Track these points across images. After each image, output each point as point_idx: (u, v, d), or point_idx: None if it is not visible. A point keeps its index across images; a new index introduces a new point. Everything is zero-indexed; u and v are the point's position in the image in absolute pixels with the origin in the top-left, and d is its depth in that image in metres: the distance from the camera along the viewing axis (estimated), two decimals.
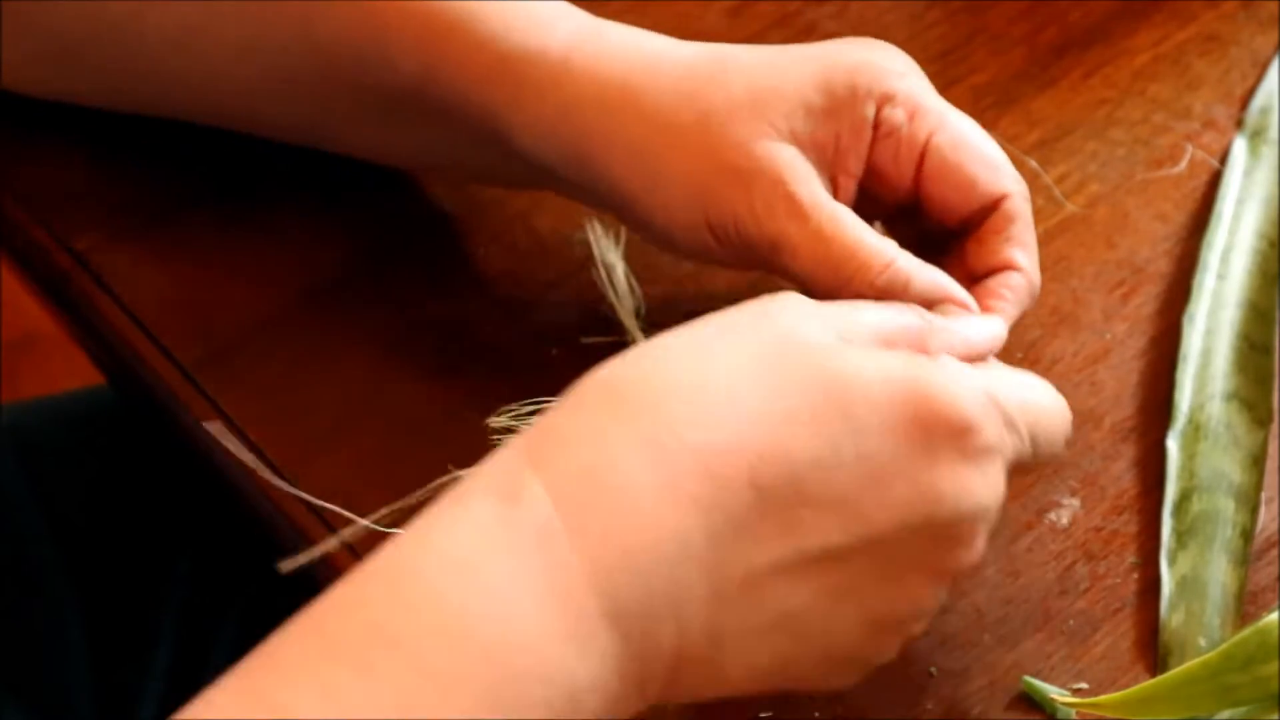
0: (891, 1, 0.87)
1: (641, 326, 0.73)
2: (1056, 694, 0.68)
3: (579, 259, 0.78)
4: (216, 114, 0.77)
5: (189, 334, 0.77)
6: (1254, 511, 0.72)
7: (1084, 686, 0.69)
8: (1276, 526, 0.72)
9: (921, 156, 0.68)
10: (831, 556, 0.59)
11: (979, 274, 0.68)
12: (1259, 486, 0.73)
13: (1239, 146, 0.82)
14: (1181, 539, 0.71)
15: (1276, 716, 0.64)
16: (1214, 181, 0.81)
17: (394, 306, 0.77)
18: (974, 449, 0.60)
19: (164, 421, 0.77)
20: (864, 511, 0.59)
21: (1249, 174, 0.81)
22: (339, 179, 0.79)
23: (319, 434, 0.74)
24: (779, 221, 0.66)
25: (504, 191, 0.79)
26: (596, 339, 0.74)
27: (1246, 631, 0.62)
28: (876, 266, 0.65)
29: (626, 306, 0.73)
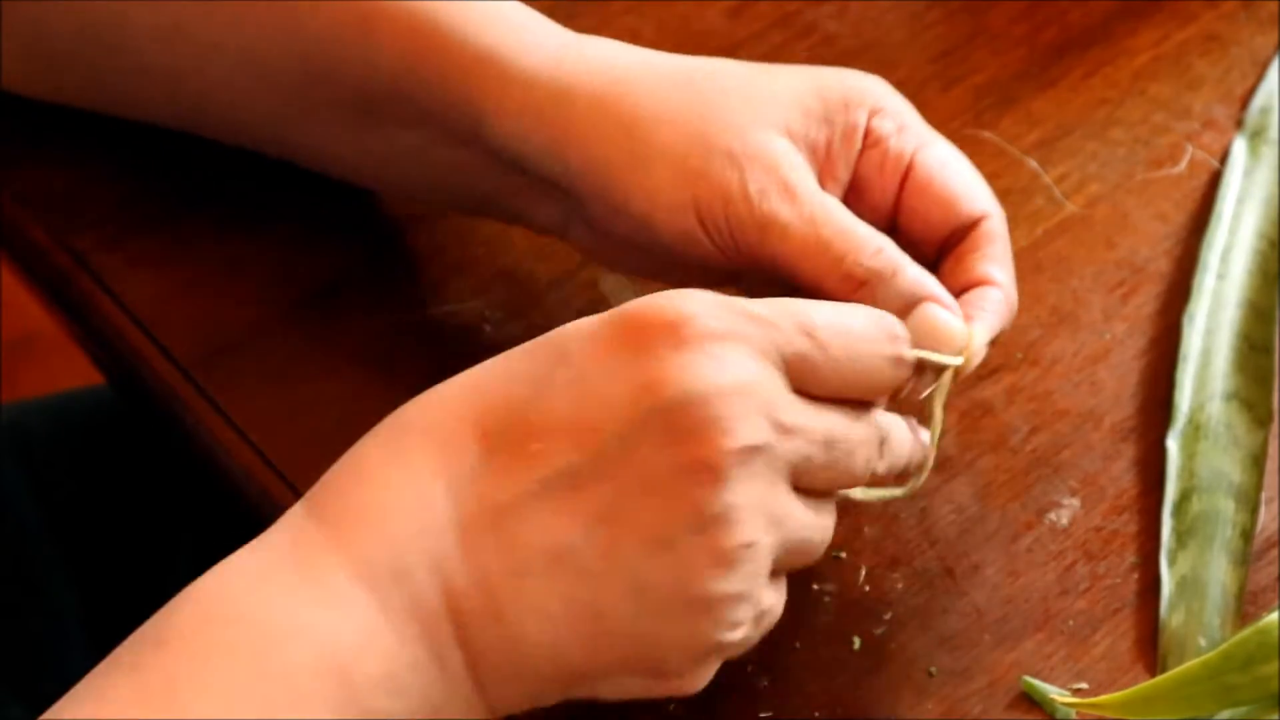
0: (891, 1, 0.87)
1: None
2: (1056, 694, 0.68)
3: (579, 259, 0.78)
4: (198, 117, 0.76)
5: (189, 334, 0.77)
6: (1254, 511, 0.72)
7: (1084, 686, 0.69)
8: (1276, 526, 0.72)
9: (906, 171, 0.69)
10: (575, 479, 0.59)
11: (956, 291, 0.68)
12: (1259, 486, 0.73)
13: (1239, 146, 0.82)
14: (1181, 539, 0.71)
15: (1277, 716, 0.64)
16: (1214, 181, 0.81)
17: (394, 306, 0.77)
18: (691, 336, 0.59)
19: (164, 421, 0.77)
20: (589, 424, 0.59)
21: (1249, 174, 0.81)
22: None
23: (319, 434, 0.74)
24: (771, 203, 0.66)
25: None
26: None
27: (1246, 631, 0.62)
28: (869, 249, 0.66)
29: None
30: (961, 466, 0.74)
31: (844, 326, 0.62)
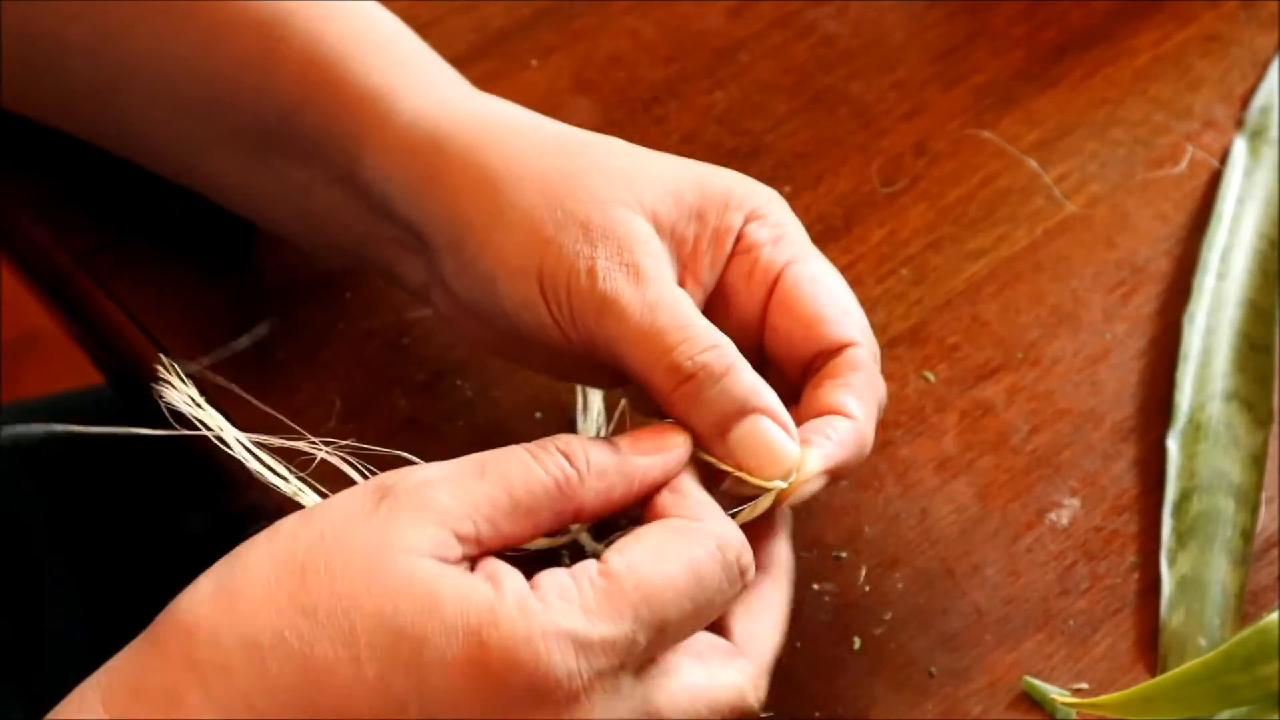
0: (891, 1, 0.87)
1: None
2: (1057, 694, 0.68)
3: None
4: (123, 138, 0.75)
5: (189, 334, 0.77)
6: (1254, 511, 0.72)
7: (1084, 686, 0.69)
8: (1277, 526, 0.72)
9: (775, 283, 0.65)
10: None
11: (806, 417, 0.64)
12: (1259, 486, 0.73)
13: (1239, 146, 0.82)
14: (1182, 539, 0.71)
15: (1277, 716, 0.64)
16: (1214, 181, 0.81)
17: (394, 306, 0.77)
18: (559, 701, 0.56)
19: (164, 421, 0.77)
20: None
21: (1249, 174, 0.81)
22: None
23: (319, 434, 0.74)
24: (614, 282, 0.63)
25: None
26: None
27: (1247, 631, 0.62)
28: (702, 343, 0.62)
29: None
30: (962, 466, 0.74)
31: (695, 604, 0.58)
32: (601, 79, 0.84)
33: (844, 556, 0.71)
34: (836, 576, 0.71)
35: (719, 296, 0.66)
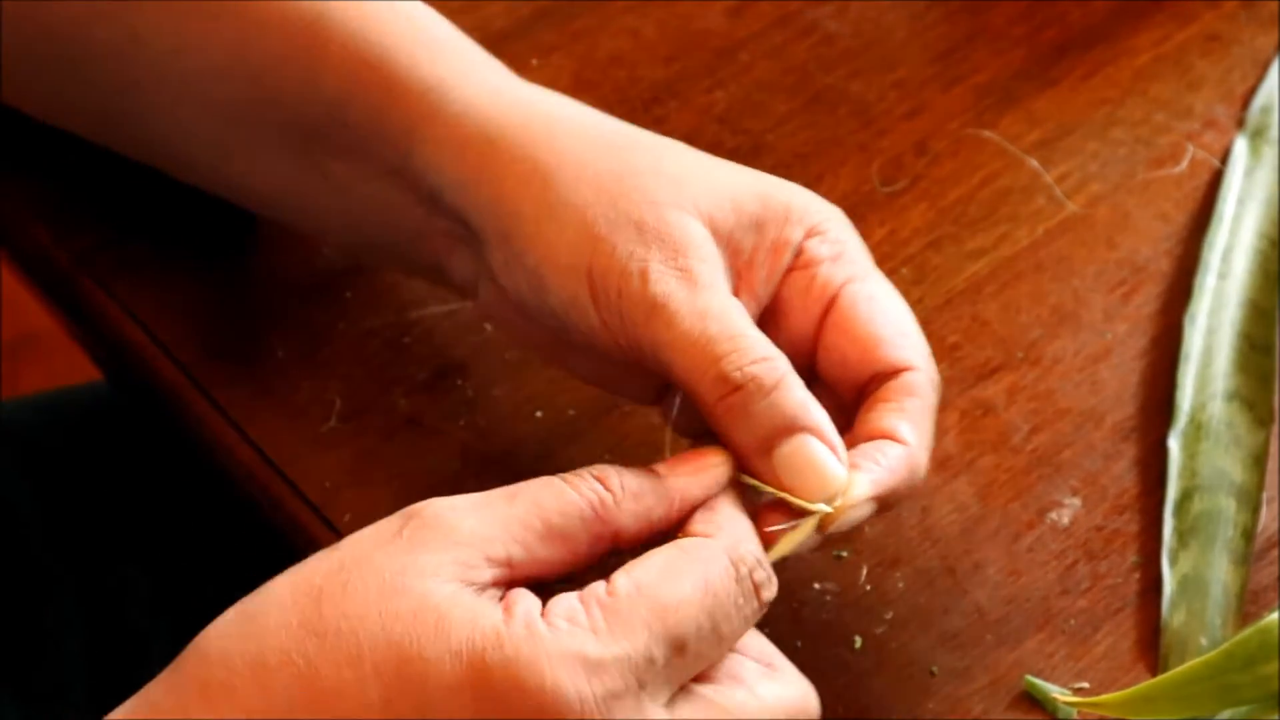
0: (891, 1, 0.87)
1: None
2: (1058, 693, 0.68)
3: None
4: (146, 139, 0.74)
5: (189, 334, 0.77)
6: (1255, 511, 0.72)
7: (1085, 686, 0.69)
8: (1278, 526, 0.72)
9: (832, 301, 0.64)
10: None
11: (858, 440, 0.62)
12: (1260, 486, 0.73)
13: (1240, 146, 0.82)
14: (1183, 538, 0.71)
15: (1277, 716, 0.64)
16: (1215, 181, 0.81)
17: (394, 306, 0.77)
18: None
19: (164, 421, 0.77)
20: None
21: (1250, 173, 0.81)
22: None
23: (319, 434, 0.74)
24: (666, 285, 0.61)
25: None
26: None
27: (1248, 631, 0.62)
28: (753, 355, 0.60)
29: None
30: (962, 466, 0.74)
31: (712, 619, 0.57)
32: (601, 79, 0.84)
33: (845, 556, 0.71)
34: (837, 576, 0.71)
35: (773, 311, 0.65)
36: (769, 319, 0.65)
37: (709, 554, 0.58)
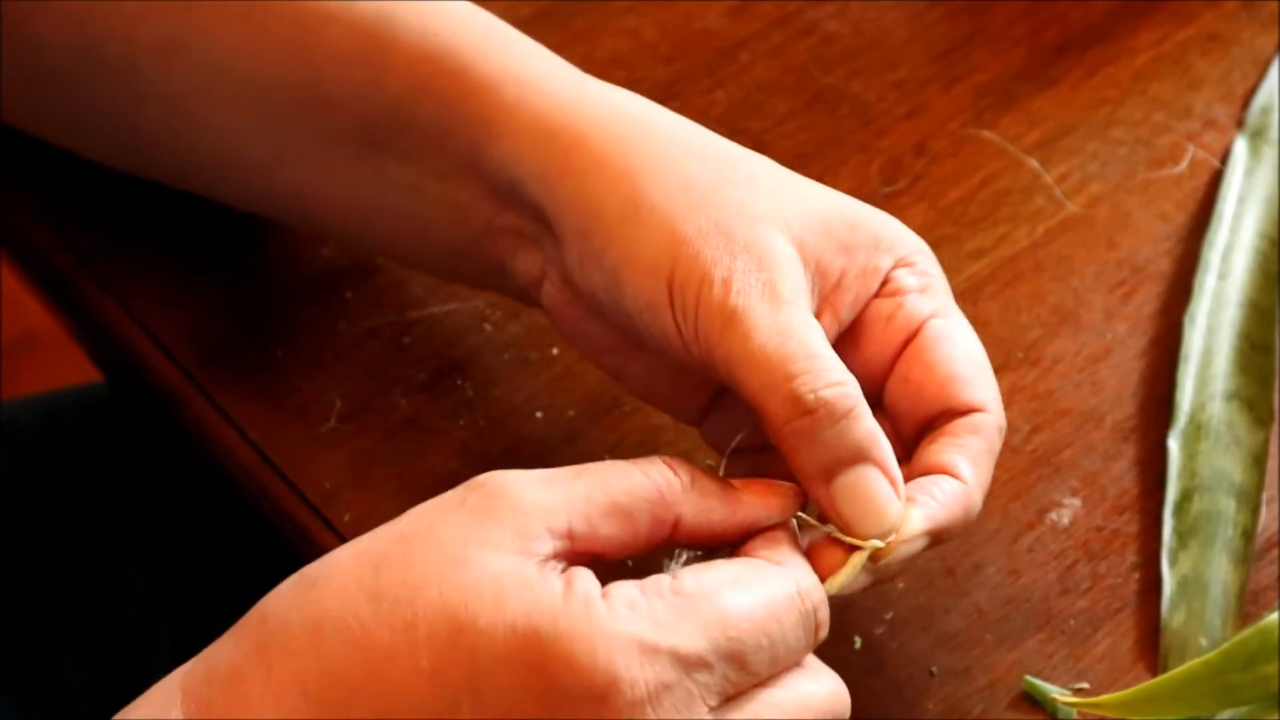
0: (891, 1, 0.87)
1: None
2: (1058, 693, 0.68)
3: None
4: (190, 153, 0.73)
5: (189, 334, 0.77)
6: (1255, 511, 0.72)
7: (1085, 686, 0.69)
8: (1277, 526, 0.72)
9: (915, 333, 0.64)
10: None
11: (917, 474, 0.62)
12: (1260, 486, 0.73)
13: (1240, 146, 0.82)
14: (1183, 539, 0.71)
15: (1277, 716, 0.64)
16: (1215, 181, 0.81)
17: (394, 306, 0.77)
18: (619, 707, 0.54)
19: (164, 421, 0.77)
20: None
21: (1250, 173, 0.81)
22: None
23: (319, 434, 0.74)
24: (748, 298, 0.61)
25: None
26: None
27: (1247, 631, 0.62)
28: (827, 379, 0.60)
29: None
30: None
31: (771, 639, 0.57)
32: (601, 79, 0.84)
33: None
34: None
35: (852, 334, 0.64)
36: (846, 341, 0.64)
37: (778, 579, 0.58)
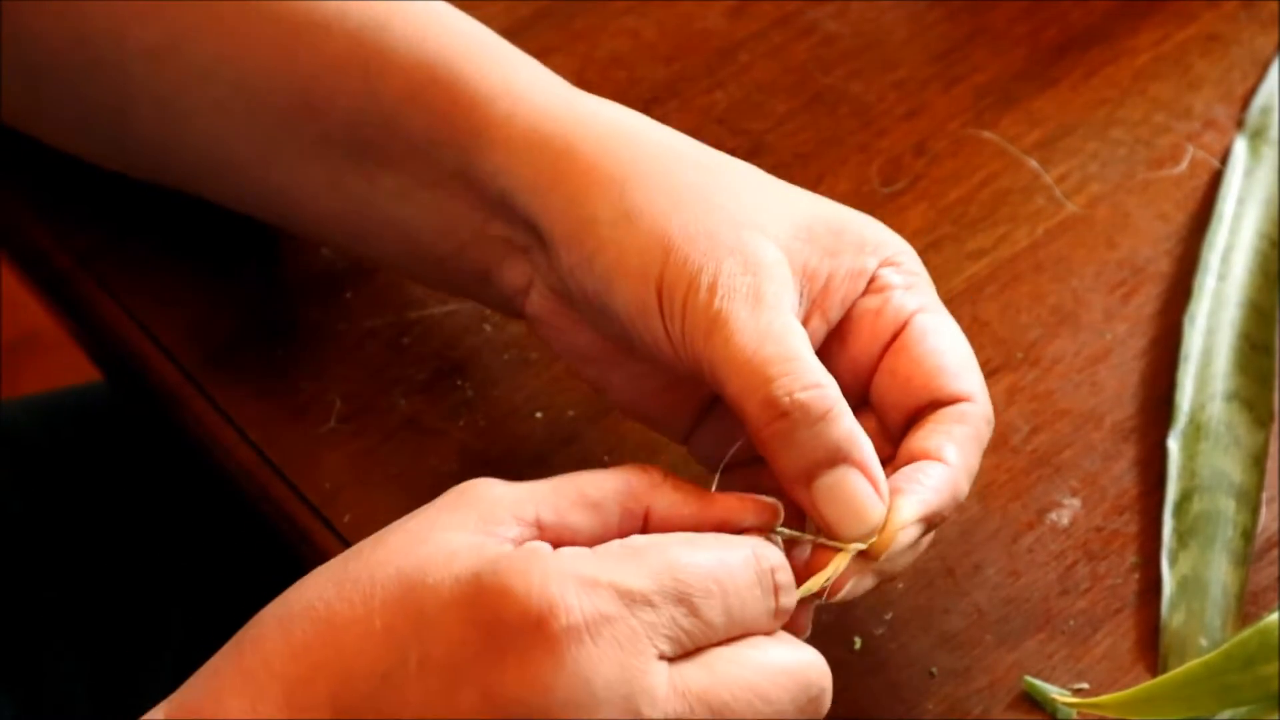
0: (891, 1, 0.87)
1: None
2: (1057, 694, 0.68)
3: None
4: (177, 152, 0.73)
5: (189, 334, 0.77)
6: (1255, 511, 0.72)
7: (1085, 686, 0.69)
8: (1277, 527, 0.72)
9: (903, 327, 0.64)
10: None
11: (904, 462, 0.63)
12: (1260, 486, 0.73)
13: (1240, 146, 0.82)
14: (1182, 539, 0.71)
15: (1277, 717, 0.64)
16: (1215, 181, 0.81)
17: (394, 306, 0.77)
18: (554, 633, 0.55)
19: (164, 421, 0.77)
20: None
21: (1250, 174, 0.81)
22: None
23: (319, 434, 0.74)
24: (732, 303, 0.61)
25: None
26: None
27: (1247, 632, 0.62)
28: (804, 381, 0.60)
29: None
30: None
31: (721, 587, 0.57)
32: (601, 79, 0.84)
33: None
34: None
35: (840, 330, 0.65)
36: (834, 338, 0.65)
37: (732, 541, 0.59)
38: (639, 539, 0.58)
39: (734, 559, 0.58)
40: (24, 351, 1.55)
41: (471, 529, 0.58)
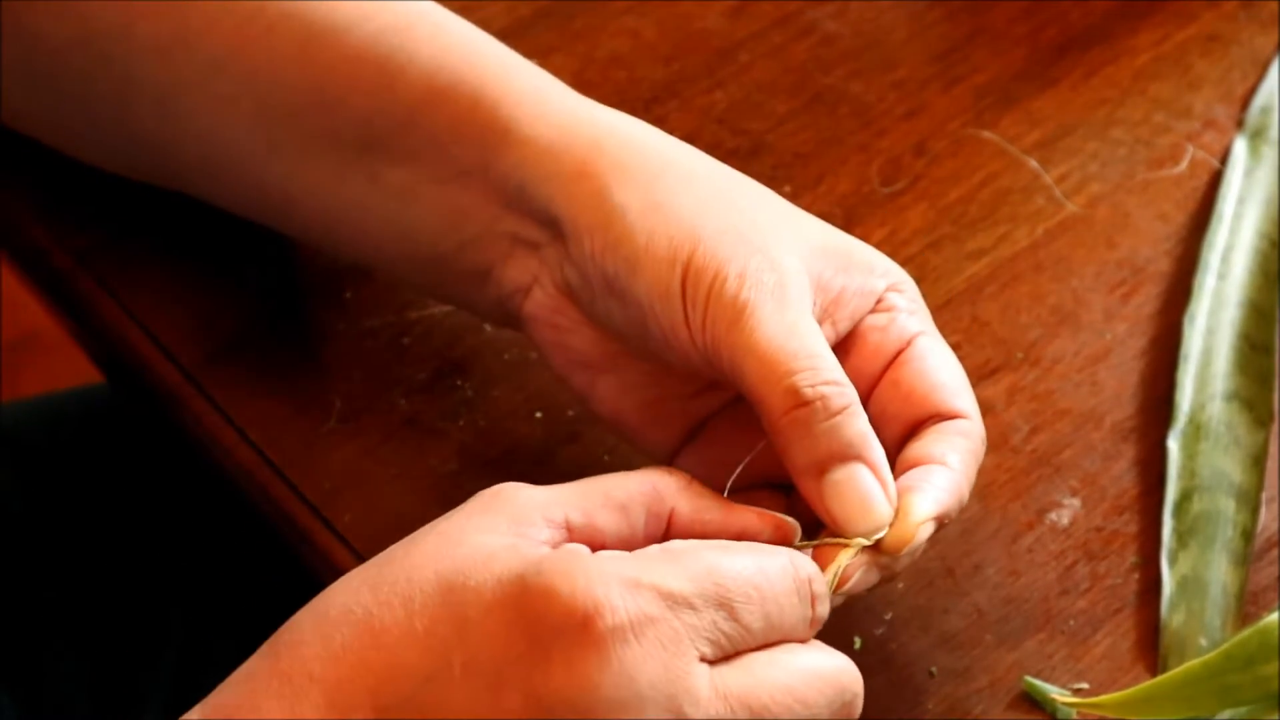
0: (891, 1, 0.87)
1: None
2: (1057, 694, 0.68)
3: None
4: (177, 149, 0.73)
5: (189, 334, 0.77)
6: (1254, 511, 0.72)
7: (1085, 686, 0.69)
8: (1277, 526, 0.72)
9: (906, 345, 0.66)
10: None
11: (906, 467, 0.64)
12: (1259, 486, 0.73)
13: (1239, 146, 0.82)
14: (1182, 539, 0.71)
15: (1277, 716, 0.64)
16: (1215, 181, 0.81)
17: (394, 306, 0.77)
18: (600, 633, 0.56)
19: (164, 422, 0.77)
20: None
21: (1249, 174, 0.81)
22: None
23: (319, 434, 0.74)
24: (759, 294, 0.63)
25: None
26: None
27: (1247, 631, 0.62)
28: (827, 376, 0.62)
29: None
30: None
31: (760, 593, 0.58)
32: (601, 79, 0.84)
33: None
34: None
35: (844, 344, 0.66)
36: (840, 349, 0.66)
37: (770, 550, 0.60)
38: (677, 544, 0.60)
39: (773, 566, 0.59)
40: (24, 351, 1.55)
41: (504, 531, 0.59)
